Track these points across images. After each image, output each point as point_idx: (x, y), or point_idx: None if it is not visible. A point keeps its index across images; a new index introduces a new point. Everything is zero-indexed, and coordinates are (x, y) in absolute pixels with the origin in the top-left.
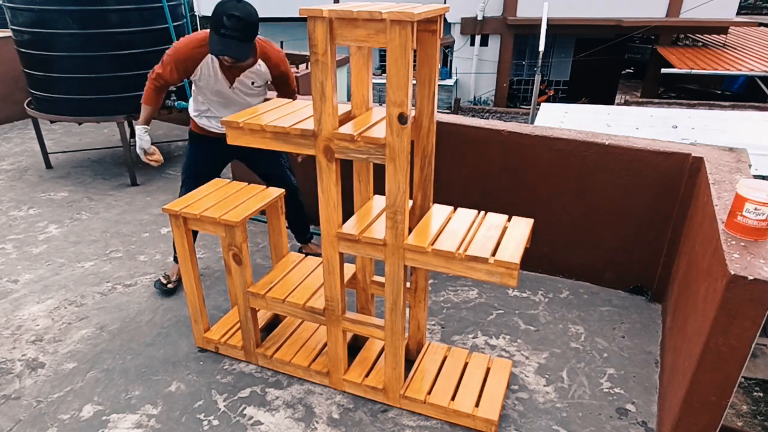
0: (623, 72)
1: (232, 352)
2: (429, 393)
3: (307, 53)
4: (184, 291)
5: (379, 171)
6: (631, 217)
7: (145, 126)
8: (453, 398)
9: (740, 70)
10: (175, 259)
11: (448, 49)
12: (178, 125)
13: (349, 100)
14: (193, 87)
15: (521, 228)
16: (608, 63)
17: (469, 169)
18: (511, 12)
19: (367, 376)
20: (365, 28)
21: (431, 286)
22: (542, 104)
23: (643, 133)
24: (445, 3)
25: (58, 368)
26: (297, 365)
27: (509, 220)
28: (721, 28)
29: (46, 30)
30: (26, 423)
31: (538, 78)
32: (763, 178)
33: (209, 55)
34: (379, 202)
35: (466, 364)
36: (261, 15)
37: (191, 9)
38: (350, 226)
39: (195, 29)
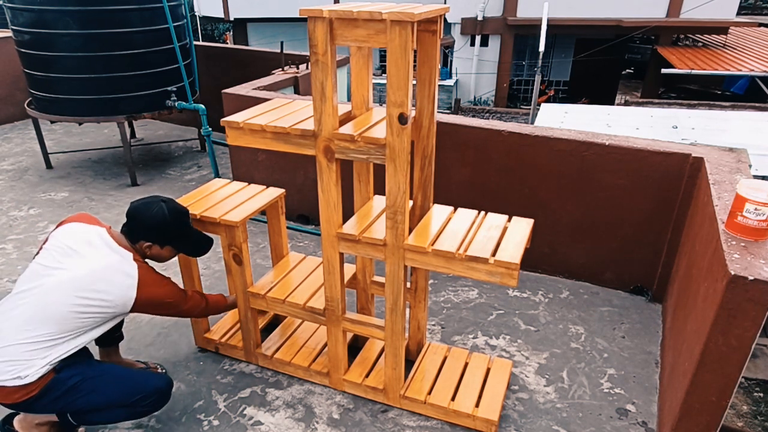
0: (623, 72)
1: (233, 352)
2: (429, 393)
3: (307, 53)
4: None
5: (379, 171)
6: (631, 217)
7: None
8: (453, 398)
9: (740, 70)
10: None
11: (448, 50)
12: (177, 125)
13: (349, 100)
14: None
15: (521, 228)
16: (608, 63)
17: (470, 169)
18: (511, 12)
19: (367, 376)
20: (365, 28)
21: (431, 286)
22: (542, 104)
23: (643, 133)
24: (445, 3)
25: None
26: (297, 365)
27: (509, 220)
28: (721, 29)
29: (46, 30)
30: None
31: (538, 78)
32: (763, 178)
33: None
34: (379, 202)
35: (466, 365)
36: (261, 15)
37: (191, 9)
38: (350, 226)
39: (195, 29)
